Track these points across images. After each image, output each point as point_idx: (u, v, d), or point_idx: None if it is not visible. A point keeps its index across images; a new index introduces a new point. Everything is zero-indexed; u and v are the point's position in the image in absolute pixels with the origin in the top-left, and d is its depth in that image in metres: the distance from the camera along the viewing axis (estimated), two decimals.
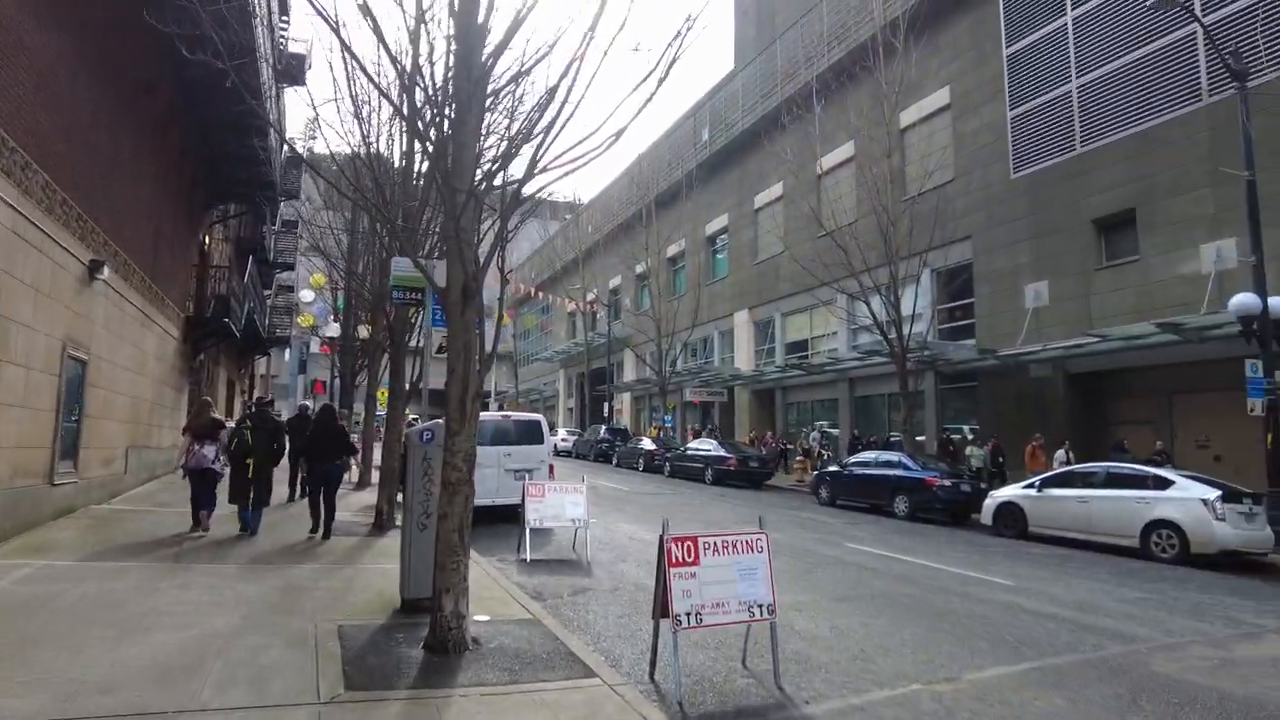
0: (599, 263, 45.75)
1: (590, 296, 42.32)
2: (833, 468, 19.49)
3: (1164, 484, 12.17)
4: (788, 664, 5.75)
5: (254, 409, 11.68)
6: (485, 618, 6.58)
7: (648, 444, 29.06)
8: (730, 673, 5.74)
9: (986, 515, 14.66)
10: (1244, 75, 13.89)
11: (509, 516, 13.07)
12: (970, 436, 21.47)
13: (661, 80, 6.12)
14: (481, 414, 12.76)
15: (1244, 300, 13.17)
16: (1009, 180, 21.41)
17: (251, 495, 10.23)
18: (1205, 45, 16.84)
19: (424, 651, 5.61)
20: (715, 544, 5.50)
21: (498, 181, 6.63)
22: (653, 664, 5.53)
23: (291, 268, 34.25)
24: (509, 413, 15.08)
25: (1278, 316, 13.23)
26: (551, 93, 6.18)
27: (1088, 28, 19.32)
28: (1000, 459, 18.69)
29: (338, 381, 35.24)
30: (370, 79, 6.22)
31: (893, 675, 5.79)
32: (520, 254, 54.83)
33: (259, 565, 8.39)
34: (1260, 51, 14.93)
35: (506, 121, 8.19)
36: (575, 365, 49.96)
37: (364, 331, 23.47)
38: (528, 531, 10.03)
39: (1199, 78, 17.03)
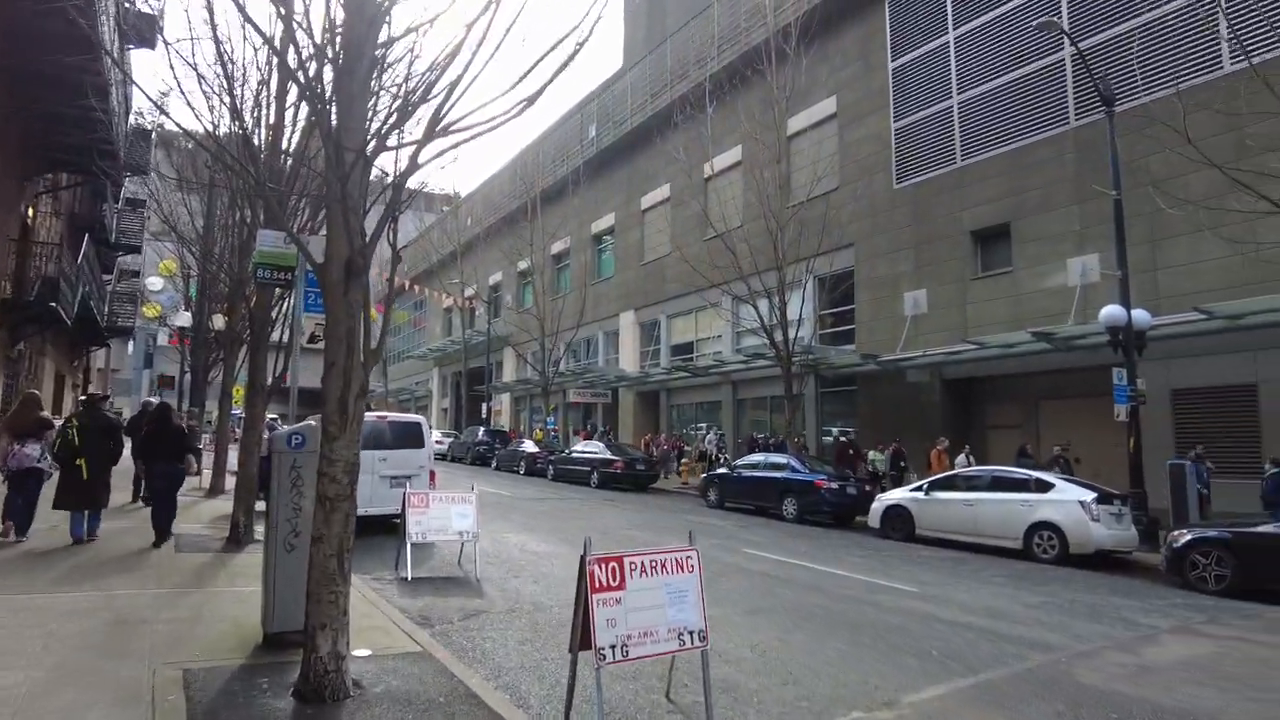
0: (479, 258, 44.15)
1: (469, 292, 40.75)
2: (721, 470, 19.30)
3: (1045, 487, 12.56)
4: (716, 693, 5.14)
5: (83, 406, 10.56)
6: (366, 652, 5.64)
7: (530, 446, 28.09)
8: (655, 708, 5.11)
9: (874, 518, 14.77)
10: (1112, 100, 14.67)
11: (385, 528, 11.99)
12: (844, 439, 21.80)
13: (582, 43, 5.41)
14: None
15: (1111, 312, 13.86)
16: (892, 190, 22.01)
17: (85, 500, 9.27)
18: (1074, 71, 17.85)
19: (294, 700, 4.64)
20: (643, 564, 4.82)
21: (392, 142, 5.69)
22: (569, 706, 4.76)
23: (137, 250, 30.91)
24: (385, 413, 13.83)
25: (1140, 328, 14.03)
26: (459, 45, 5.38)
27: (969, 47, 20.11)
28: (902, 463, 19.03)
29: (188, 377, 32.23)
30: (240, 9, 5.13)
31: (829, 701, 5.33)
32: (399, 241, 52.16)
33: (84, 587, 7.00)
34: (1136, 76, 15.80)
35: (404, 76, 7.17)
36: (451, 364, 48.09)
37: (220, 322, 21.43)
38: (409, 546, 9.00)
39: (1067, 102, 18.00)
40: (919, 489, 14.28)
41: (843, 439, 20.14)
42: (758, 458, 18.42)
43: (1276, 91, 9.22)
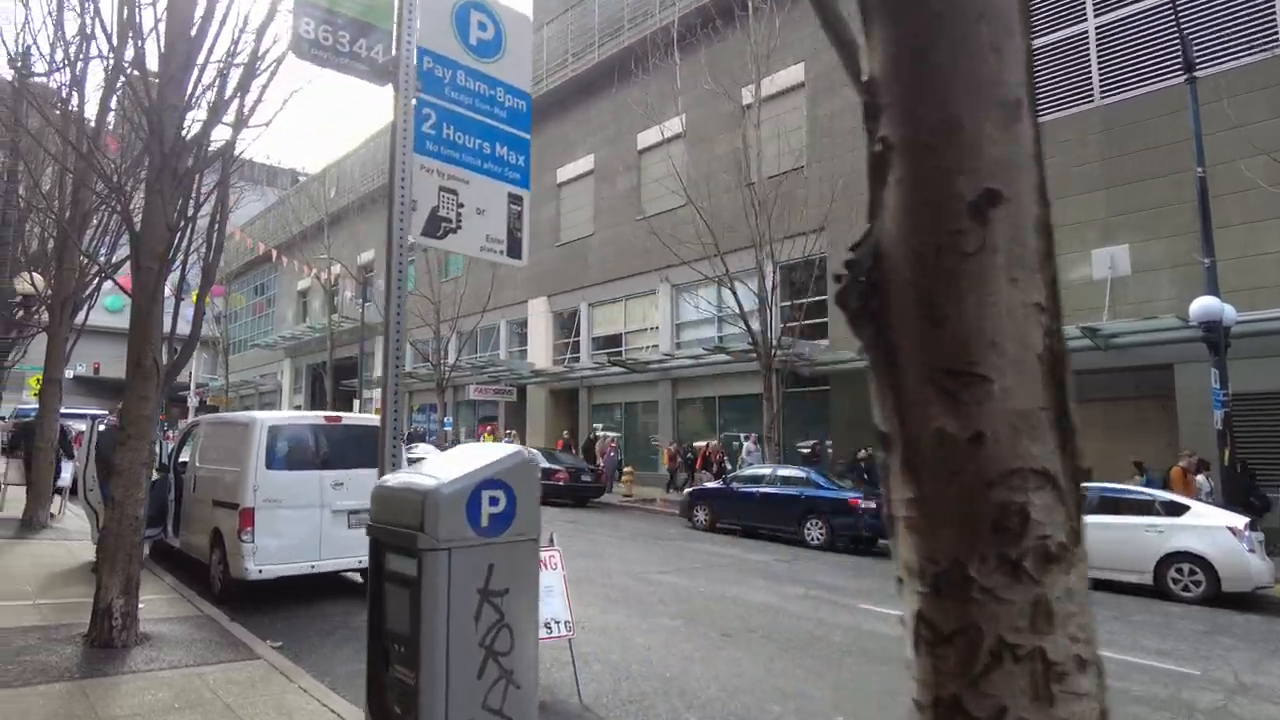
0: (345, 233, 38.53)
1: (336, 269, 35.17)
2: (711, 484, 16.20)
3: (1177, 509, 10.44)
4: None
5: None
6: None
7: (425, 450, 23.66)
8: None
9: None
10: (1193, 64, 12.96)
11: (346, 590, 8.07)
12: (806, 449, 19.32)
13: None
14: (288, 415, 8.62)
15: (1206, 305, 12.06)
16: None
17: None
18: (1098, 45, 16.33)
19: None
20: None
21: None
22: None
23: None
24: (338, 414, 9.59)
25: (1229, 324, 12.38)
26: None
27: None
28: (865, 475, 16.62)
29: None
30: None
31: None
32: (240, 217, 44.96)
33: None
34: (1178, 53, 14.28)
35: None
36: (307, 354, 41.84)
37: (24, 285, 15.83)
38: None
39: (1091, 77, 16.43)
40: None
41: (865, 451, 17.41)
42: (763, 469, 15.47)
43: None
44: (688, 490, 17.08)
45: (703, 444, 21.07)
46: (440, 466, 2.69)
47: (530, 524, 2.65)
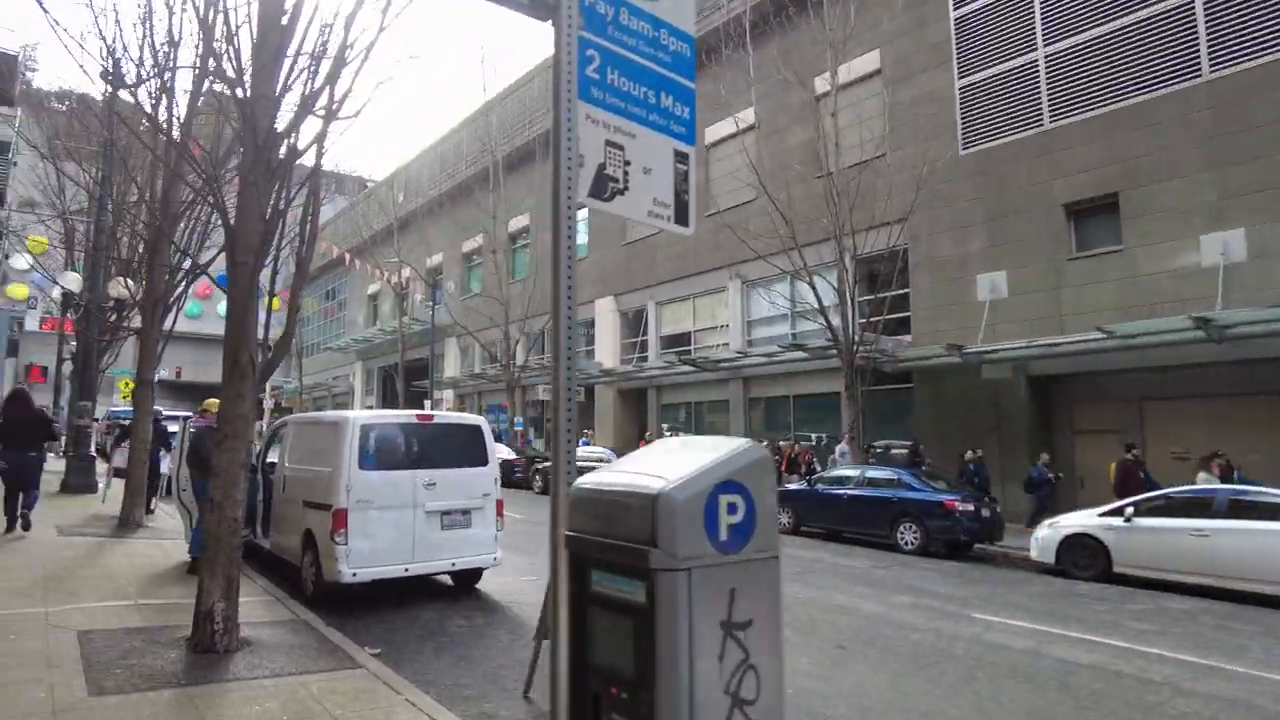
0: (414, 238, 39.07)
1: (407, 273, 35.65)
2: (794, 485, 15.66)
3: None
4: None
5: None
6: None
7: (505, 452, 23.65)
8: None
9: (1043, 549, 11.50)
10: None
11: (441, 594, 7.87)
12: (975, 453, 18.24)
13: None
14: (380, 414, 8.29)
15: None
16: (956, 157, 18.96)
17: None
18: (1206, 14, 15.22)
19: None
20: None
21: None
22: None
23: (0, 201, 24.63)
24: (431, 412, 9.41)
25: None
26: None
27: None
28: (975, 478, 15.78)
29: (66, 366, 26.06)
30: None
31: None
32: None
33: None
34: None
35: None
36: (377, 356, 42.58)
37: (118, 290, 16.22)
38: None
39: (1199, 50, 15.32)
40: (1115, 513, 11.05)
41: (973, 453, 16.52)
42: (851, 470, 14.87)
43: None
44: None
45: (788, 445, 20.44)
46: (654, 463, 2.26)
47: (771, 538, 2.20)
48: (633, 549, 2.10)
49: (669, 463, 2.21)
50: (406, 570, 7.55)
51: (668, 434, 24.70)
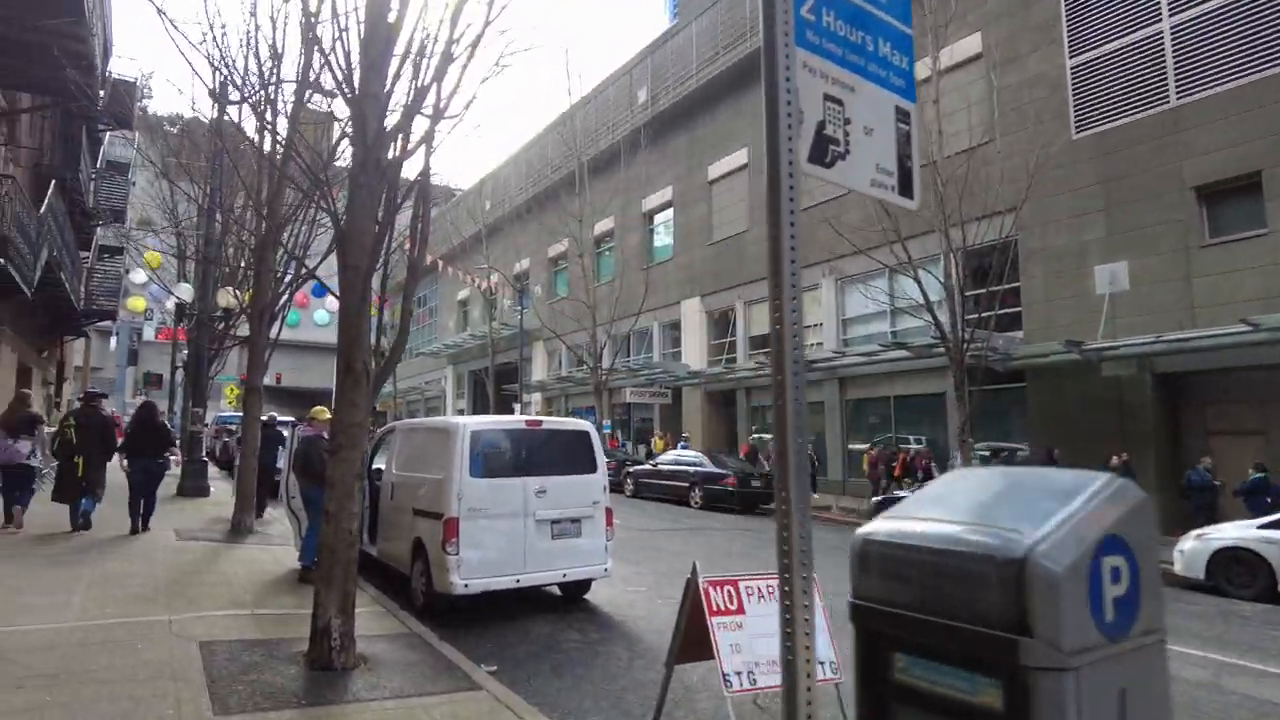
0: (501, 245, 39.61)
1: (495, 279, 36.08)
2: (901, 493, 14.90)
3: None
4: None
5: (80, 404, 11.44)
6: None
7: None
8: None
9: (1192, 564, 10.48)
10: None
11: (544, 602, 7.62)
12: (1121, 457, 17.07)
13: None
14: (489, 420, 8.28)
15: None
16: (1069, 142, 17.76)
17: (82, 493, 10.12)
18: None
19: None
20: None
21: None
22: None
23: (121, 219, 26.01)
24: (540, 418, 9.21)
25: None
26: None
27: None
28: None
29: (179, 374, 27.39)
30: None
31: None
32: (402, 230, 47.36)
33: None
34: None
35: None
36: (468, 360, 43.33)
37: (226, 299, 16.77)
38: (729, 700, 4.45)
39: None
40: (1273, 525, 9.97)
41: (1117, 456, 15.34)
42: (963, 475, 14.00)
43: None
44: (874, 499, 15.80)
45: (906, 449, 19.57)
46: (978, 508, 1.74)
47: (1158, 610, 1.66)
48: (986, 636, 1.56)
49: (1005, 508, 1.66)
50: (518, 581, 7.33)
51: (753, 440, 24.07)
